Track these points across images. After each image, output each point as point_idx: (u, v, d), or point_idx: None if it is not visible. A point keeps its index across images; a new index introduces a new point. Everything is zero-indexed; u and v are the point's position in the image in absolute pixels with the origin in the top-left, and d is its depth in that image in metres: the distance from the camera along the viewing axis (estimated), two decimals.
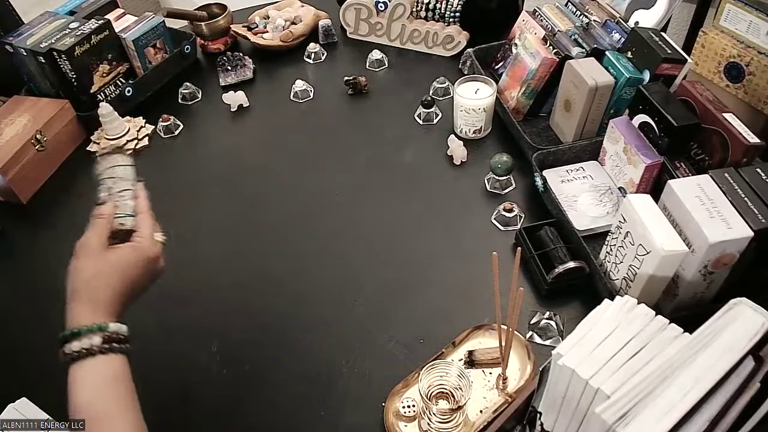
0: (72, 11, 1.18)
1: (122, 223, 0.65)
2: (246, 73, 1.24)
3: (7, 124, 1.05)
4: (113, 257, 0.62)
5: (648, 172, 0.83)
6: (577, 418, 0.54)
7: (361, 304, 0.83)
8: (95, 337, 0.57)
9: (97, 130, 1.12)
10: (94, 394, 0.56)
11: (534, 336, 0.77)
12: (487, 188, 0.98)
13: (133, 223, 0.66)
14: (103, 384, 0.56)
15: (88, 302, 0.59)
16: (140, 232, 0.65)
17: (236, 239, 0.95)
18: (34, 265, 0.95)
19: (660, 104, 0.82)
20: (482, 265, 0.69)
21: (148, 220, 0.67)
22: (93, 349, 0.56)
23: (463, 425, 0.68)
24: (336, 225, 0.95)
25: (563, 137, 1.02)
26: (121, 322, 0.60)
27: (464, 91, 1.04)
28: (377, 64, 1.26)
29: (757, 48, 0.92)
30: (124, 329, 0.59)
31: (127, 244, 0.64)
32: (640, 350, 0.52)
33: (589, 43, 0.99)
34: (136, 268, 0.62)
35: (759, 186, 0.69)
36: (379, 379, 0.73)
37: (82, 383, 0.56)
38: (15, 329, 0.85)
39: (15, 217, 1.01)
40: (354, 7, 1.28)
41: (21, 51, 1.07)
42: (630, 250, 0.71)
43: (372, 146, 1.09)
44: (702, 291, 0.72)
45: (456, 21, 1.26)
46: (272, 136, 1.15)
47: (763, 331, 0.48)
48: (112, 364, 0.57)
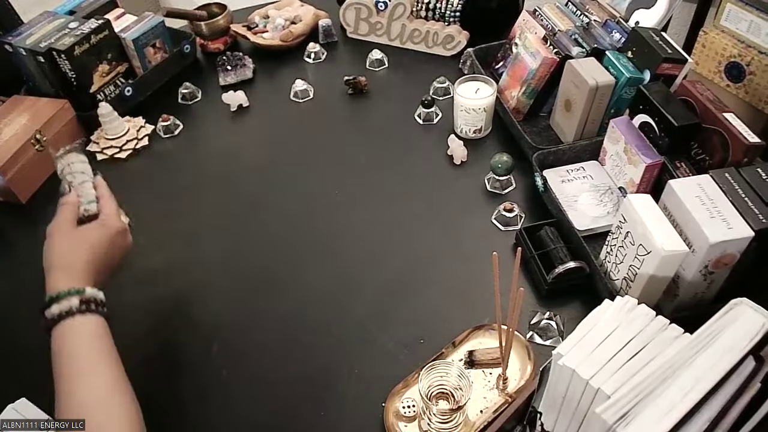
0: (71, 11, 1.18)
1: (87, 209, 0.71)
2: (246, 73, 1.24)
3: (7, 124, 1.05)
4: (82, 234, 0.68)
5: (648, 172, 0.83)
6: (578, 419, 0.54)
7: (361, 304, 0.83)
8: (73, 299, 0.61)
9: (97, 130, 1.12)
10: (75, 350, 0.59)
11: (534, 336, 0.77)
12: (487, 188, 0.98)
13: (96, 208, 0.72)
14: (82, 341, 0.60)
15: (63, 271, 0.64)
16: (104, 212, 0.72)
17: (236, 239, 0.95)
18: (34, 265, 0.95)
19: (660, 104, 0.82)
20: (482, 265, 0.69)
21: (111, 201, 0.74)
22: (72, 309, 0.60)
23: (463, 425, 0.67)
24: (336, 225, 0.95)
25: (563, 137, 1.02)
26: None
27: (464, 91, 1.03)
28: (377, 63, 1.26)
29: (758, 48, 0.92)
30: (101, 295, 0.64)
31: (93, 223, 0.70)
32: (640, 350, 0.52)
33: (590, 42, 0.99)
34: (105, 242, 0.69)
35: (759, 186, 0.69)
36: (379, 379, 0.73)
37: (62, 343, 0.59)
38: (15, 329, 0.85)
39: (15, 217, 1.01)
40: (354, 6, 1.28)
41: (20, 51, 1.07)
42: (630, 250, 0.71)
43: (372, 146, 1.09)
44: (702, 291, 0.72)
45: (456, 21, 1.26)
46: (272, 136, 1.15)
47: (764, 331, 0.48)
48: (92, 323, 0.61)
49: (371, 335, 0.79)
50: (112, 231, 0.70)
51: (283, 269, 0.89)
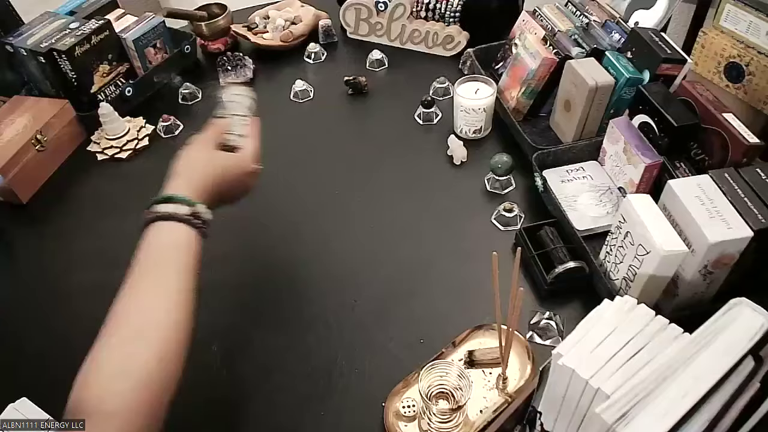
0: (72, 11, 1.18)
1: (231, 140, 0.74)
2: (246, 73, 1.24)
3: (8, 124, 1.05)
4: (218, 156, 0.71)
5: (648, 172, 0.83)
6: (577, 418, 0.54)
7: (361, 304, 0.83)
8: (183, 206, 0.63)
9: (98, 130, 1.12)
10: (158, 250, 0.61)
11: (534, 336, 0.77)
12: (487, 188, 0.98)
13: (239, 142, 0.74)
14: (171, 246, 0.61)
15: (186, 180, 0.66)
16: (245, 149, 0.74)
17: (235, 239, 0.95)
18: (34, 265, 0.95)
19: (660, 104, 0.82)
20: (482, 265, 0.69)
21: (254, 143, 0.76)
22: (177, 215, 0.62)
23: (463, 425, 0.68)
24: (336, 225, 0.95)
25: (563, 137, 1.02)
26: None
27: (464, 91, 1.04)
28: (377, 64, 1.26)
29: (757, 48, 0.92)
30: (210, 215, 0.66)
31: (230, 154, 0.72)
32: (640, 350, 0.52)
33: (589, 43, 0.99)
34: (233, 174, 0.71)
35: (759, 186, 0.69)
36: (379, 379, 0.73)
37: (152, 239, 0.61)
38: (15, 329, 0.85)
39: (15, 217, 1.01)
40: (354, 7, 1.28)
41: (21, 51, 1.07)
42: (630, 250, 0.71)
43: (372, 146, 1.09)
44: (702, 291, 0.72)
45: (456, 21, 1.26)
46: (272, 136, 1.14)
47: (763, 331, 0.48)
48: (188, 235, 0.62)
49: (371, 335, 0.79)
50: (244, 167, 0.72)
51: (283, 269, 0.89)
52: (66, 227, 0.99)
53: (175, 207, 0.63)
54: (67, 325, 0.84)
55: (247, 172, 0.73)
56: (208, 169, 0.69)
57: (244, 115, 0.77)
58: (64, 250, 0.96)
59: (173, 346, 0.56)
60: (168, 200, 0.63)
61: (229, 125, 0.75)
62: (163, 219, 0.62)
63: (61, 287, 0.90)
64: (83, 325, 0.86)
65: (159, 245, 0.61)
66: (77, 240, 0.97)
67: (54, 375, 0.79)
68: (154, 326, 0.56)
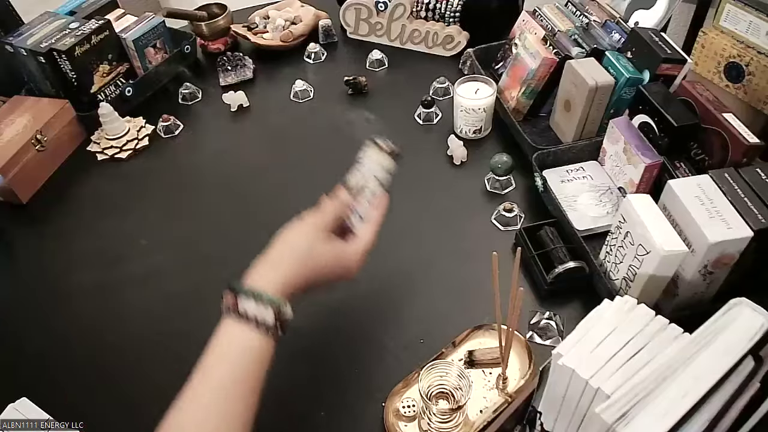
0: (72, 11, 1.18)
1: (347, 221, 0.67)
2: (246, 73, 1.24)
3: (8, 124, 1.05)
4: (320, 246, 0.63)
5: (648, 172, 0.83)
6: (577, 418, 0.54)
7: (361, 304, 0.83)
8: (270, 311, 0.57)
9: (98, 130, 1.12)
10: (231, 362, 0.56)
11: (534, 336, 0.77)
12: (487, 188, 0.98)
13: (356, 227, 0.67)
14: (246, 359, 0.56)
15: (280, 272, 0.60)
16: (358, 239, 0.67)
17: (236, 239, 0.95)
18: (34, 265, 0.95)
19: (660, 104, 0.82)
20: (482, 265, 0.69)
21: (373, 230, 0.68)
22: (262, 322, 0.56)
23: (463, 425, 0.68)
24: None
25: (563, 137, 1.02)
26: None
27: (464, 91, 1.04)
28: (377, 64, 1.26)
29: (757, 48, 0.92)
30: (290, 316, 0.59)
31: (337, 243, 0.65)
32: (640, 350, 0.52)
33: (589, 43, 0.99)
34: (332, 267, 0.64)
35: (759, 186, 0.69)
36: (379, 379, 0.73)
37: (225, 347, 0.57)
38: (15, 329, 0.85)
39: (15, 217, 1.01)
40: (354, 7, 1.28)
41: (21, 51, 1.07)
42: (630, 250, 0.71)
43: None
44: (702, 291, 0.72)
45: (456, 21, 1.26)
46: (272, 136, 1.15)
47: (763, 331, 0.48)
48: (268, 346, 0.57)
49: (371, 335, 0.79)
50: (349, 265, 0.65)
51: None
52: (66, 227, 0.99)
53: (261, 311, 0.57)
54: (67, 325, 0.84)
55: (346, 266, 0.65)
56: (308, 261, 0.62)
57: (374, 190, 0.69)
58: (64, 250, 0.96)
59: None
60: (258, 297, 0.57)
61: (350, 204, 0.68)
62: (240, 317, 0.57)
63: (61, 287, 0.90)
64: (83, 325, 0.86)
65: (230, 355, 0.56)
66: (77, 240, 0.97)
67: (54, 375, 0.79)
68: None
